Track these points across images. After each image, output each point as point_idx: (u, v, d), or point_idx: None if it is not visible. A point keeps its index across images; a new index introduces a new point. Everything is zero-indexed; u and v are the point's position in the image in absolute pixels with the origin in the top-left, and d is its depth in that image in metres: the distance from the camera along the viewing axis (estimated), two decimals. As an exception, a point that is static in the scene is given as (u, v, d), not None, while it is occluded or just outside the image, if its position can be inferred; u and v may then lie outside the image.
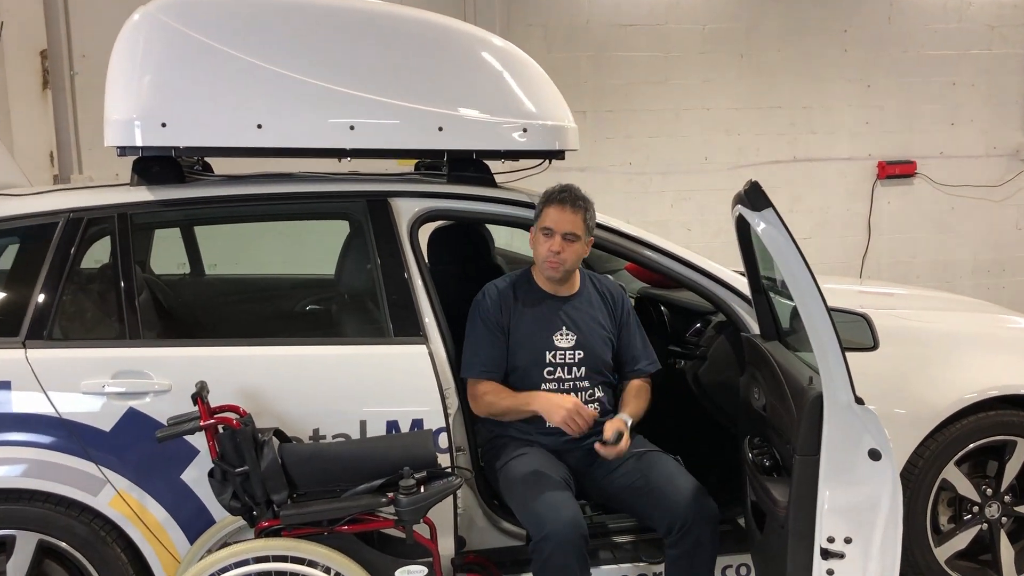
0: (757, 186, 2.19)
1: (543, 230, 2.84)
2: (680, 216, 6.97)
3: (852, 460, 2.11)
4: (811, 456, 2.14)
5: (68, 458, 2.59)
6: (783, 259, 2.12)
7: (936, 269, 7.34)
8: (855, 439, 2.11)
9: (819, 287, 2.09)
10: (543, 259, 2.85)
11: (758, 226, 2.19)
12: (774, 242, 2.13)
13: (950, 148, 7.22)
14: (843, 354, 2.08)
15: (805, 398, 2.17)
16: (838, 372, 2.08)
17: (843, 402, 2.10)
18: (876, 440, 2.11)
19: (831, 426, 2.11)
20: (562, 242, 2.80)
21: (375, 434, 2.72)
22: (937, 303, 3.88)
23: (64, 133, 6.14)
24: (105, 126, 2.79)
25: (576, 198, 2.83)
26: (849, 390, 2.09)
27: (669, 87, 6.81)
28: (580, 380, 2.87)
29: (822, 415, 2.12)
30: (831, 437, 2.11)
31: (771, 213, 2.14)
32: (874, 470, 2.10)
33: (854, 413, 2.10)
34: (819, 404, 2.12)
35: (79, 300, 2.79)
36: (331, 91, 2.77)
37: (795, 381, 2.30)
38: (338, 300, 3.38)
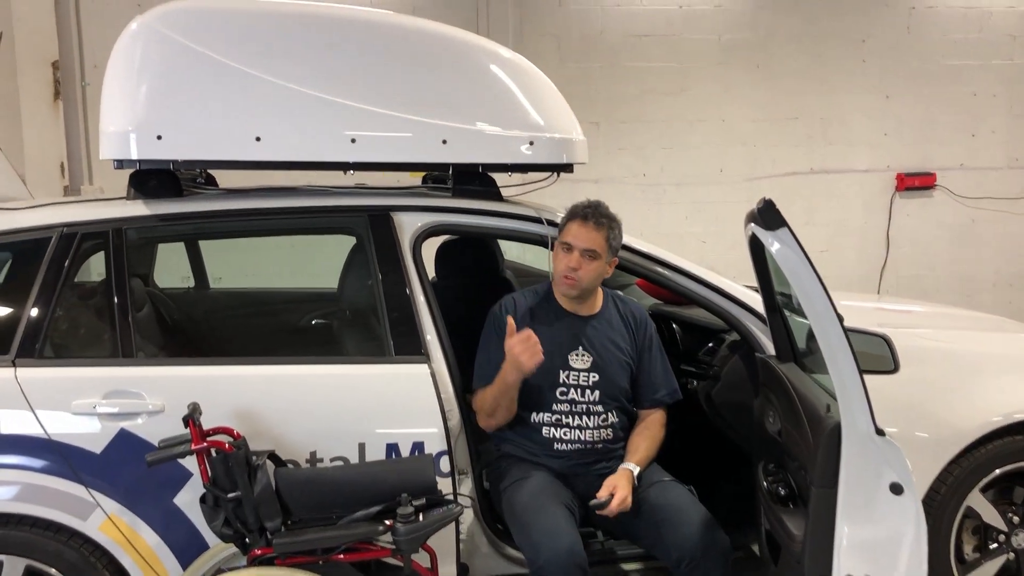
0: (771, 204, 2.09)
1: (563, 245, 2.75)
2: (694, 228, 6.87)
3: (872, 494, 2.00)
4: (829, 489, 2.03)
5: (57, 481, 2.51)
6: (798, 281, 2.02)
7: (956, 283, 7.19)
8: (875, 472, 2.00)
9: (837, 310, 1.99)
10: (559, 274, 2.75)
11: (772, 246, 2.08)
12: (789, 263, 2.02)
13: (971, 160, 7.09)
14: (863, 382, 1.97)
15: (822, 427, 2.05)
16: (857, 401, 1.97)
17: (863, 433, 1.98)
18: (898, 474, 1.99)
19: (850, 458, 2.00)
20: (580, 258, 2.71)
21: (374, 457, 2.63)
22: (959, 321, 3.76)
23: (75, 144, 6.13)
24: (100, 138, 2.73)
25: (600, 215, 2.74)
26: (869, 420, 1.98)
27: (684, 98, 6.72)
28: (594, 404, 2.77)
29: (840, 446, 2.00)
30: (850, 469, 2.00)
31: (786, 233, 2.04)
32: (896, 505, 1.99)
33: (875, 444, 1.99)
34: (837, 434, 2.01)
35: (72, 317, 2.72)
36: (331, 103, 2.69)
37: (812, 407, 2.18)
38: (339, 316, 3.30)
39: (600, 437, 2.78)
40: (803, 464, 2.23)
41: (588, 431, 2.77)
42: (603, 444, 2.79)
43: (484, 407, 2.74)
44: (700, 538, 2.49)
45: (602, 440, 2.79)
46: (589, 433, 2.77)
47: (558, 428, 2.76)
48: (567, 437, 2.75)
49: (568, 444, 2.75)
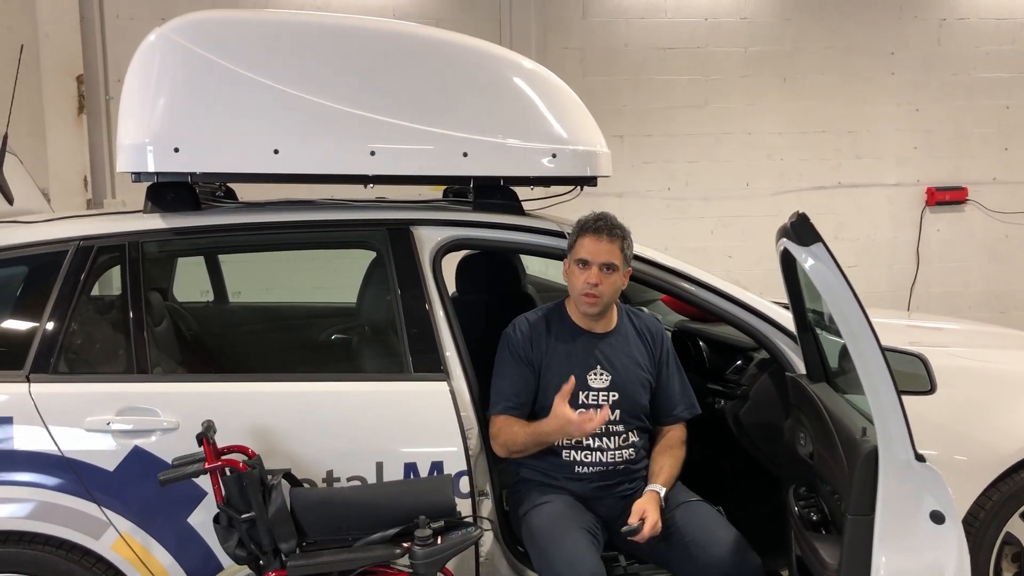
0: (805, 219, 2.00)
1: (578, 262, 2.67)
2: (720, 243, 6.78)
3: (912, 523, 1.90)
4: (865, 516, 1.93)
5: (69, 499, 2.46)
6: (833, 298, 1.93)
7: (989, 300, 7.05)
8: (915, 499, 1.90)
9: (874, 330, 1.90)
10: (579, 292, 2.67)
11: (806, 262, 2.00)
12: (823, 280, 1.94)
13: (1003, 174, 6.96)
14: (901, 405, 1.88)
15: (858, 452, 1.96)
16: (895, 425, 1.88)
17: (901, 459, 1.89)
18: (939, 501, 1.90)
19: (887, 484, 1.90)
20: (599, 273, 2.63)
21: (392, 477, 2.57)
22: (993, 339, 3.64)
23: (98, 157, 6.15)
24: (118, 151, 2.70)
25: (612, 226, 2.66)
26: (908, 446, 1.88)
27: (709, 111, 6.64)
28: (614, 424, 2.68)
29: (877, 471, 1.91)
30: (888, 497, 1.90)
31: (820, 248, 1.96)
32: (937, 535, 1.89)
33: (913, 471, 1.89)
34: (874, 459, 1.92)
35: (87, 332, 2.68)
36: (351, 115, 2.64)
37: (846, 430, 2.09)
38: (357, 332, 3.24)
39: (622, 458, 2.70)
40: (837, 489, 2.14)
41: (609, 452, 2.69)
42: (625, 465, 2.70)
43: (508, 445, 2.65)
44: (731, 560, 2.41)
45: (624, 461, 2.70)
46: (610, 454, 2.69)
47: (578, 451, 2.68)
48: (588, 460, 2.67)
49: (589, 467, 2.67)
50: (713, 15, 6.59)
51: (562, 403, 2.51)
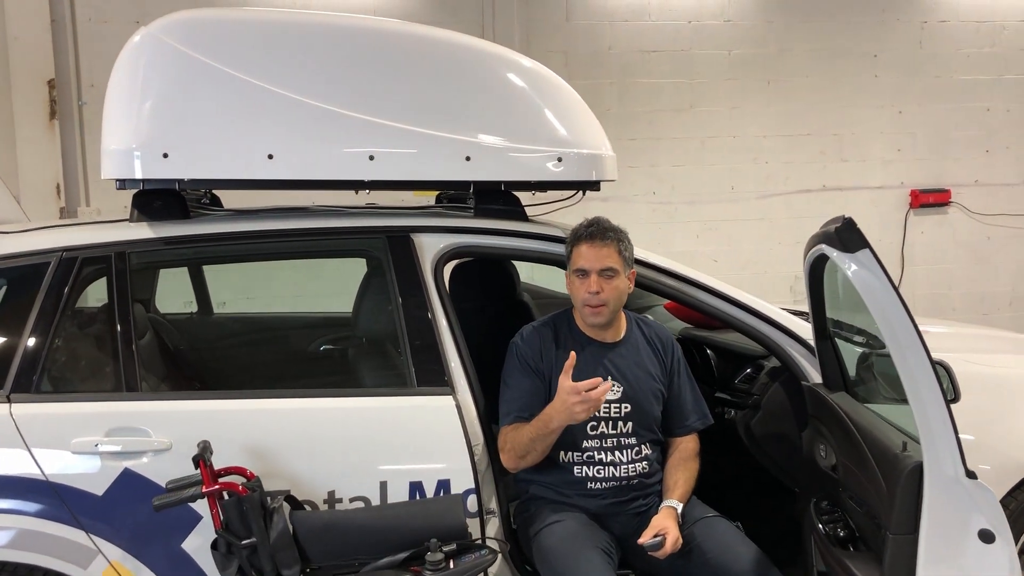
0: (852, 224, 1.92)
1: (577, 272, 2.56)
2: (706, 247, 6.72)
3: (959, 542, 1.82)
4: (908, 535, 1.85)
5: (55, 526, 2.32)
6: (879, 307, 1.84)
7: (973, 301, 7.06)
8: (963, 518, 1.82)
9: (923, 340, 1.82)
10: (582, 303, 2.56)
11: (848, 268, 1.91)
12: (868, 287, 1.85)
13: (985, 176, 6.98)
14: (952, 420, 1.80)
15: (899, 467, 1.88)
16: (945, 440, 1.79)
17: (950, 475, 1.81)
18: (989, 520, 1.81)
19: (933, 502, 1.82)
20: (600, 280, 2.53)
21: (397, 496, 2.45)
22: (996, 343, 3.59)
23: (71, 164, 5.98)
24: (102, 156, 2.57)
25: (606, 230, 2.56)
26: (959, 462, 1.80)
27: (694, 114, 6.59)
28: (626, 436, 2.58)
29: (922, 488, 1.83)
30: (934, 515, 1.82)
31: (867, 255, 1.87)
32: (986, 554, 1.81)
33: (963, 488, 1.81)
34: (917, 476, 1.83)
35: (72, 348, 2.54)
36: (349, 118, 2.53)
37: (879, 444, 2.01)
38: (355, 345, 3.11)
39: (636, 472, 2.60)
40: (870, 505, 2.05)
41: (622, 466, 2.59)
42: (639, 479, 2.61)
43: (516, 448, 2.52)
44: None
45: (638, 475, 2.60)
46: (623, 468, 2.59)
47: (590, 466, 2.57)
48: (600, 475, 2.57)
49: (602, 483, 2.57)
50: (697, 18, 6.54)
51: (565, 378, 2.37)
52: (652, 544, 2.37)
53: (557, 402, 2.39)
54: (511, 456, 2.53)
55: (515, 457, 2.52)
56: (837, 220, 1.96)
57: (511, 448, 2.52)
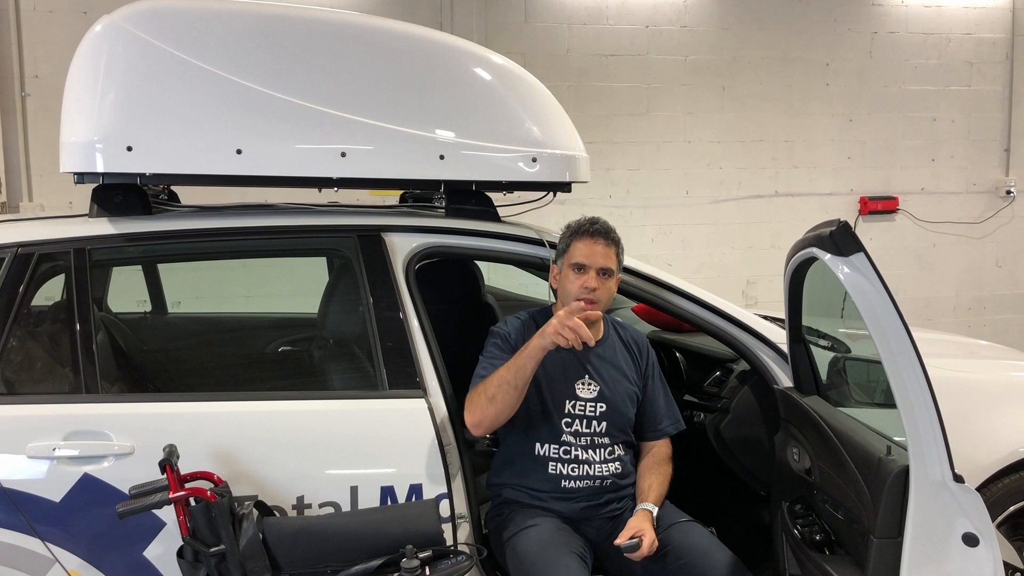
0: (847, 228, 1.92)
1: (574, 266, 2.53)
2: (661, 251, 6.76)
3: (943, 545, 1.83)
4: (892, 539, 1.86)
5: (8, 534, 2.23)
6: (872, 311, 1.85)
7: (918, 306, 7.21)
8: (948, 521, 1.83)
9: (915, 345, 1.83)
10: (574, 297, 2.52)
11: (841, 271, 1.91)
12: (861, 291, 1.85)
13: (931, 184, 7.14)
14: (942, 425, 1.81)
15: (883, 471, 1.88)
16: (934, 445, 1.80)
17: (937, 479, 1.82)
18: (974, 524, 1.83)
19: (919, 506, 1.83)
20: (597, 278, 2.51)
21: (368, 502, 2.39)
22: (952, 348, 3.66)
23: (13, 158, 5.77)
24: (61, 149, 2.47)
25: (609, 231, 2.57)
26: (946, 465, 1.81)
27: (650, 119, 6.63)
28: (600, 436, 2.57)
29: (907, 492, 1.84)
30: (918, 519, 1.83)
31: (862, 259, 1.87)
32: (970, 558, 1.82)
33: (948, 492, 1.82)
34: (903, 480, 1.84)
35: (27, 348, 2.44)
36: (321, 114, 2.47)
37: (859, 448, 2.02)
38: (323, 346, 3.04)
39: (609, 472, 2.58)
40: (847, 508, 2.06)
41: (596, 465, 2.57)
42: (612, 480, 2.59)
43: (485, 391, 2.39)
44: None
45: (611, 475, 2.59)
46: (597, 468, 2.57)
47: (565, 464, 2.55)
48: (575, 473, 2.55)
49: (577, 481, 2.54)
50: (654, 23, 6.57)
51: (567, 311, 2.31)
52: (629, 545, 2.35)
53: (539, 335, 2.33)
54: (477, 405, 2.40)
55: (483, 402, 2.39)
56: (831, 223, 1.97)
57: (479, 394, 2.41)
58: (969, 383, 2.94)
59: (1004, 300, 7.39)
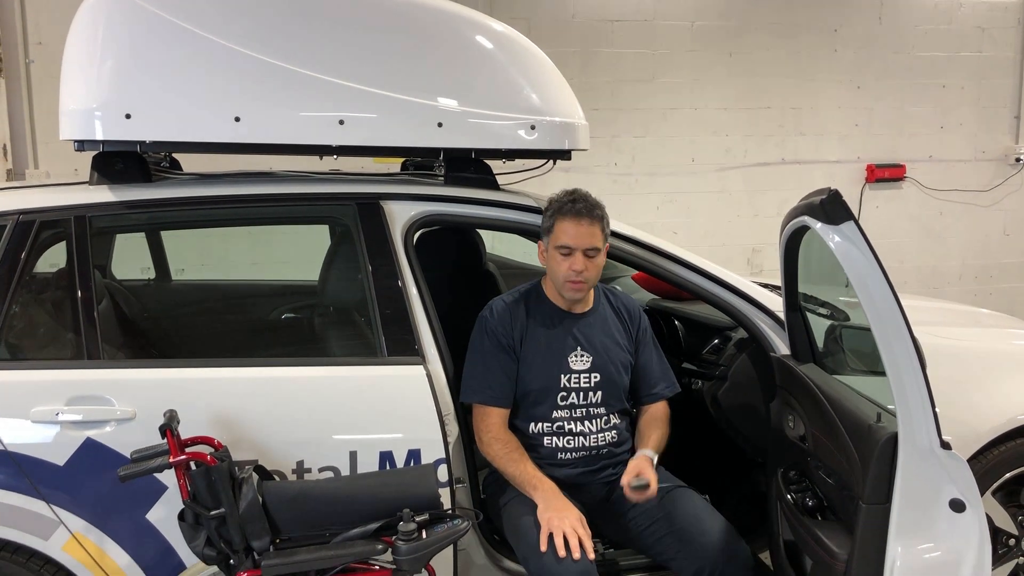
0: (837, 196, 1.92)
1: (560, 249, 2.53)
2: (666, 219, 6.75)
3: (930, 512, 1.85)
4: (880, 505, 1.88)
5: (13, 496, 2.26)
6: (861, 279, 1.85)
7: (924, 275, 7.20)
8: (935, 488, 1.85)
9: (904, 314, 1.84)
10: (563, 280, 2.54)
11: (832, 240, 1.91)
12: (851, 259, 1.86)
13: (939, 152, 7.08)
14: (930, 393, 1.82)
15: (872, 438, 1.90)
16: (922, 412, 1.82)
17: (924, 446, 1.84)
18: (961, 490, 1.85)
19: (907, 473, 1.85)
20: (584, 260, 2.51)
21: (367, 466, 2.43)
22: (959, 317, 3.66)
23: (19, 125, 5.78)
24: (61, 117, 2.47)
25: (592, 207, 2.53)
26: (933, 432, 1.83)
27: (656, 86, 6.58)
28: (595, 406, 2.59)
29: (895, 459, 1.85)
30: (907, 485, 1.85)
31: (851, 227, 1.88)
32: (957, 524, 1.85)
33: (936, 458, 1.84)
34: (892, 447, 1.86)
35: (30, 314, 2.46)
36: (319, 81, 2.47)
37: (850, 415, 2.03)
38: (324, 314, 3.06)
39: (605, 441, 2.61)
40: (841, 475, 2.08)
41: (592, 436, 2.60)
42: (608, 448, 2.62)
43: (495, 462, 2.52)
44: (722, 549, 2.34)
45: (607, 444, 2.61)
46: (593, 438, 2.60)
47: (560, 436, 2.58)
48: (571, 445, 2.57)
49: (572, 452, 2.58)
50: (660, -13, 6.51)
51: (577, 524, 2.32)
52: (638, 484, 2.37)
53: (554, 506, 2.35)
54: (486, 453, 2.54)
55: (487, 455, 2.54)
56: (822, 192, 1.97)
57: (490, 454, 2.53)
58: (968, 351, 2.95)
59: (1011, 269, 7.36)
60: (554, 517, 2.30)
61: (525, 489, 2.45)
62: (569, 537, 2.26)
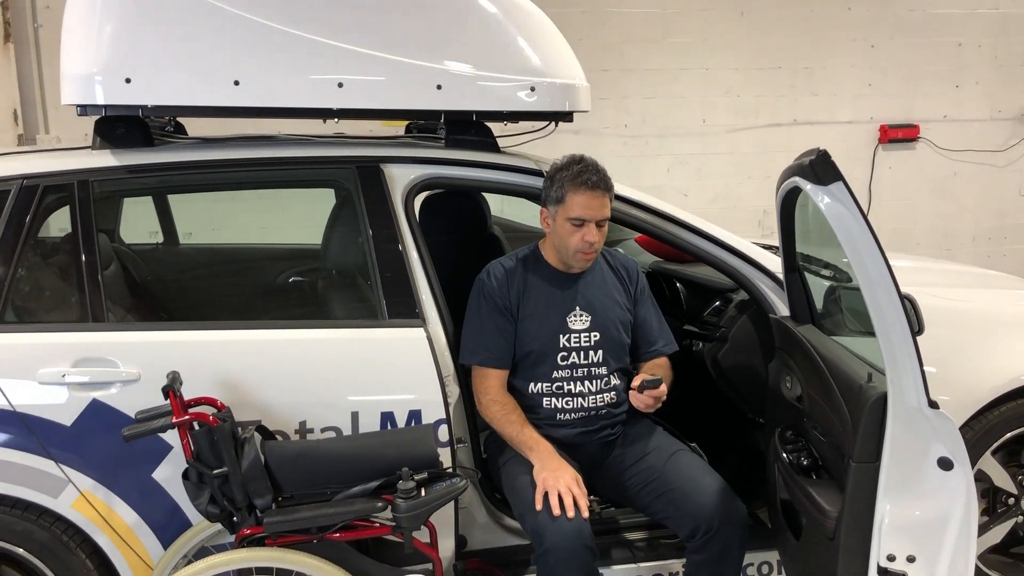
0: (826, 156, 1.91)
1: (572, 220, 2.53)
2: (676, 181, 6.71)
3: (919, 470, 1.87)
4: (869, 464, 1.90)
5: (23, 456, 2.32)
6: (851, 240, 1.85)
7: (936, 237, 7.14)
8: (923, 446, 1.87)
9: (892, 274, 1.84)
10: (574, 250, 2.55)
11: (821, 201, 1.91)
12: (841, 220, 1.86)
13: (954, 112, 6.99)
14: (917, 352, 1.83)
15: (863, 398, 1.91)
16: (910, 372, 1.83)
17: (912, 405, 1.85)
18: (949, 448, 1.86)
19: (896, 431, 1.86)
20: (597, 231, 2.53)
21: (368, 427, 2.47)
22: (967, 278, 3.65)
23: (28, 90, 5.79)
24: (62, 81, 2.49)
25: (604, 179, 2.54)
26: (922, 391, 1.84)
27: (667, 46, 6.51)
28: (596, 366, 2.61)
29: (885, 418, 1.87)
30: (895, 444, 1.86)
31: (840, 188, 1.87)
32: (944, 481, 1.86)
33: (925, 418, 1.85)
34: (881, 406, 1.87)
35: (36, 278, 2.50)
36: (317, 44, 2.47)
37: (844, 375, 2.04)
38: (326, 278, 3.09)
39: (604, 402, 2.63)
40: (834, 434, 2.10)
41: (591, 396, 2.62)
42: (607, 409, 2.64)
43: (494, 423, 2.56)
44: (717, 508, 2.37)
45: (606, 405, 2.64)
46: (592, 399, 2.62)
47: (559, 397, 2.60)
48: (569, 406, 2.60)
49: (572, 414, 2.60)
50: (671, -56, 6.42)
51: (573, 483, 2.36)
52: (652, 381, 2.42)
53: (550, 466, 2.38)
54: (485, 415, 2.58)
55: (486, 416, 2.58)
56: (811, 152, 1.96)
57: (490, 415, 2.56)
58: (971, 312, 2.95)
59: (1025, 230, 7.31)
60: (549, 477, 2.34)
61: (522, 450, 2.48)
62: (564, 496, 2.29)
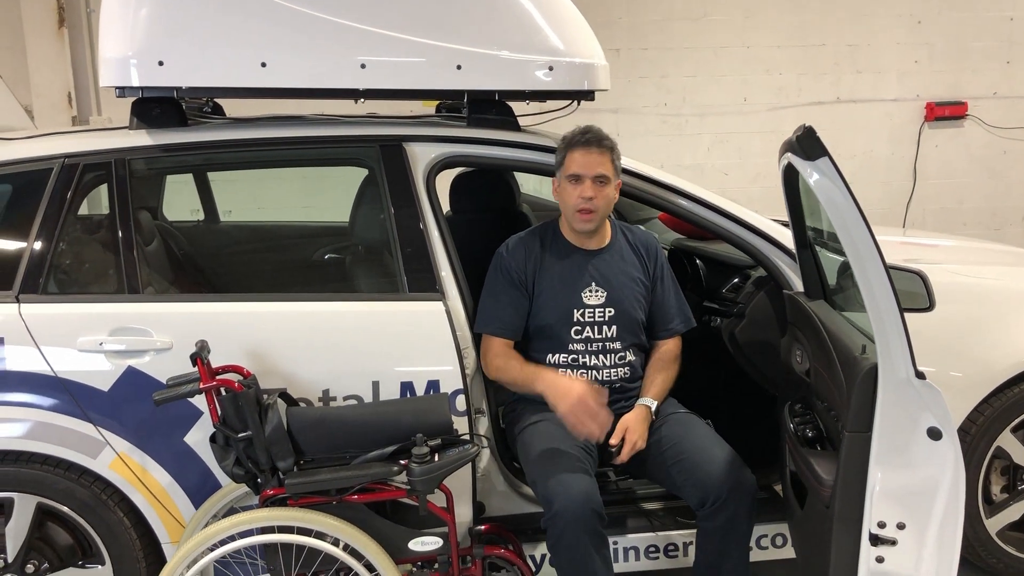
0: (811, 132, 1.95)
1: (570, 178, 2.62)
2: (717, 160, 6.70)
3: (909, 439, 1.90)
4: (862, 433, 1.94)
5: (65, 419, 2.45)
6: (838, 215, 1.89)
7: (984, 216, 7.02)
8: (913, 417, 1.90)
9: (878, 247, 1.87)
10: (573, 208, 2.63)
11: (810, 177, 1.95)
12: (828, 195, 1.89)
13: (1004, 88, 6.85)
14: (904, 323, 1.86)
15: (857, 369, 1.95)
16: (897, 343, 1.86)
17: (901, 376, 1.88)
18: (937, 418, 1.90)
19: (886, 402, 1.90)
20: (593, 186, 2.59)
21: (388, 396, 2.56)
22: (988, 256, 3.62)
23: (81, 73, 6.00)
24: (100, 64, 2.61)
25: (601, 138, 2.61)
26: (909, 363, 1.87)
27: (707, 24, 6.49)
28: (611, 341, 2.68)
29: (876, 389, 1.91)
30: (886, 414, 1.90)
31: (826, 163, 1.91)
32: (933, 451, 1.90)
33: (913, 388, 1.89)
34: (873, 376, 1.91)
35: (76, 252, 2.63)
36: (340, 26, 2.55)
37: (844, 348, 2.08)
38: (351, 252, 3.19)
39: (617, 376, 2.70)
40: (834, 407, 2.14)
41: (605, 370, 2.69)
42: (621, 383, 2.71)
43: (501, 375, 2.65)
44: (726, 477, 2.42)
45: (620, 379, 2.70)
46: (606, 373, 2.69)
47: (574, 370, 2.67)
48: (584, 379, 2.67)
49: (586, 386, 2.67)
50: (712, -79, 6.39)
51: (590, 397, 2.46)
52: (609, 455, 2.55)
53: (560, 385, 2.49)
54: (493, 375, 2.67)
55: (495, 377, 2.67)
56: (799, 128, 1.99)
57: (497, 367, 2.64)
58: (991, 289, 2.94)
59: (1076, 210, 7.14)
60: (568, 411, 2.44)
61: (528, 387, 2.58)
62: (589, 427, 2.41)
